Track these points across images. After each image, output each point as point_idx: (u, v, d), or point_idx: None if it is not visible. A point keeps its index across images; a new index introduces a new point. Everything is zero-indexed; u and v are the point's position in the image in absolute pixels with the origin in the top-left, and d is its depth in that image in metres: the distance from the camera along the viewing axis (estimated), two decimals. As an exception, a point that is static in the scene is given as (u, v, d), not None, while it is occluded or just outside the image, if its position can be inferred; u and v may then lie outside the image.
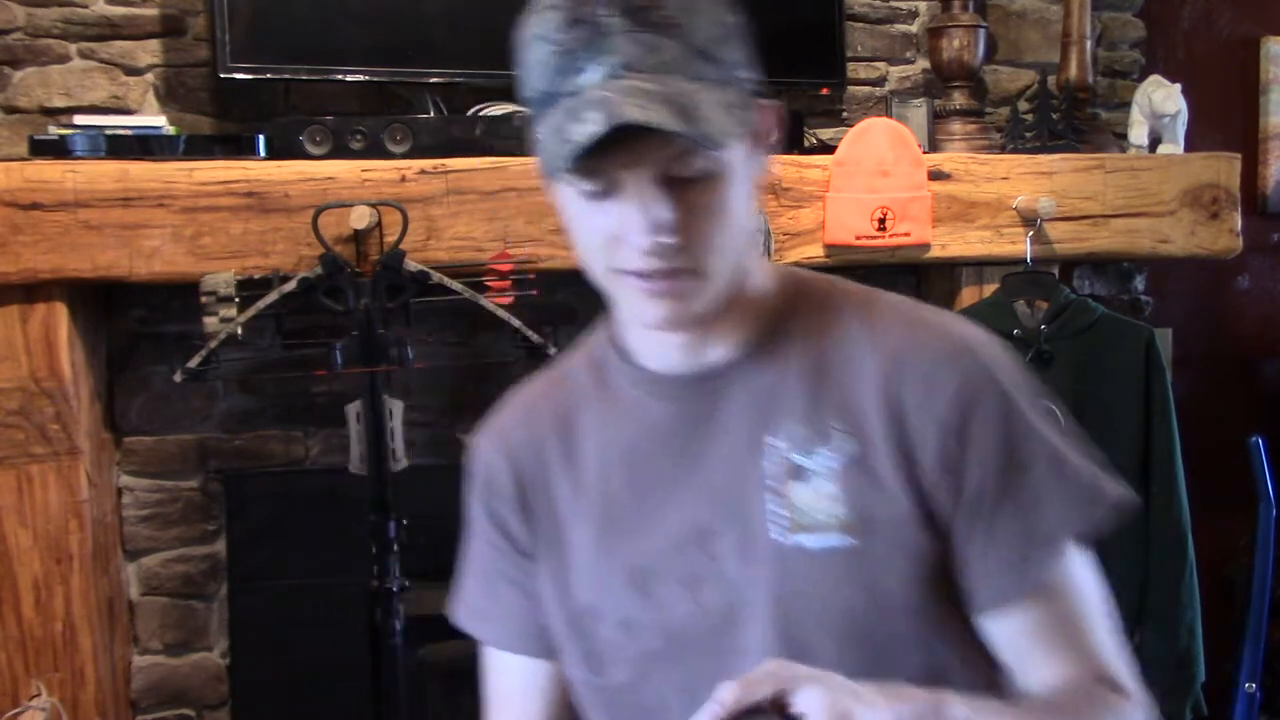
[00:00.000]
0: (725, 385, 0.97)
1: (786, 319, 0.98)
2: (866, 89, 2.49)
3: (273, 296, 1.89)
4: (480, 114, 2.15)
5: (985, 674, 0.93)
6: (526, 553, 1.06)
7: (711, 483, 0.96)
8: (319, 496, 2.23)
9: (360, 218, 1.94)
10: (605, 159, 0.84)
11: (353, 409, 1.97)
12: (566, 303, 2.32)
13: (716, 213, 0.88)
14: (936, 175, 2.16)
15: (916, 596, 0.90)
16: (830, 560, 0.90)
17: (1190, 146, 2.36)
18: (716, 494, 0.95)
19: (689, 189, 0.86)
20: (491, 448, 1.09)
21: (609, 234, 0.89)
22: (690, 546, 0.95)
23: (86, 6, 2.19)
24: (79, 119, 2.05)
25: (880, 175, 2.11)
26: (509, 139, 2.09)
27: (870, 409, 0.92)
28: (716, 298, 0.91)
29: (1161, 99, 2.32)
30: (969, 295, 2.26)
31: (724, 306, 0.94)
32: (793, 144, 2.19)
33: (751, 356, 0.97)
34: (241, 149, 2.01)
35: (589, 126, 0.82)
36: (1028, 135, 2.34)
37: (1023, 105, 2.49)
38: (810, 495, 0.92)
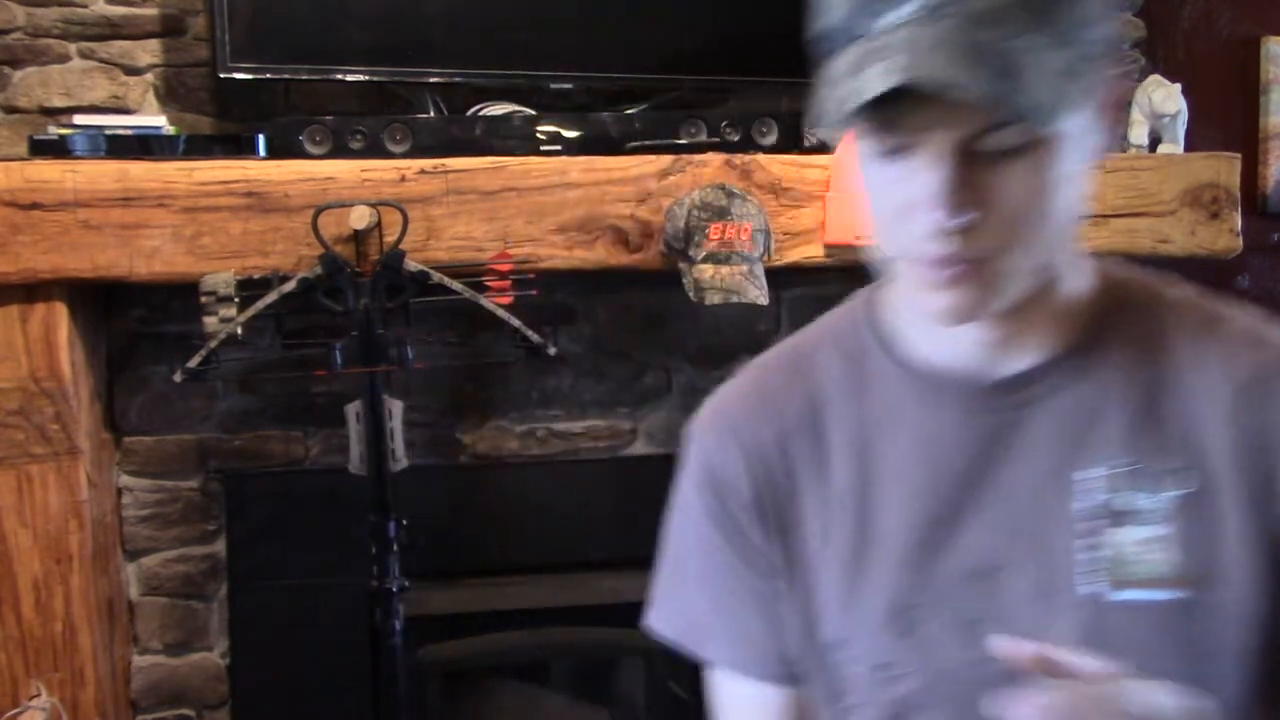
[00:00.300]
0: (1027, 400, 0.82)
1: (1105, 326, 0.83)
2: (866, 89, 2.49)
3: (273, 296, 1.89)
4: (480, 114, 2.15)
5: None
6: (767, 569, 0.89)
7: (1003, 515, 0.81)
8: (319, 496, 2.23)
9: (360, 218, 1.94)
10: (899, 117, 0.72)
11: (353, 409, 1.97)
12: (566, 303, 2.32)
13: (1029, 196, 0.73)
14: (936, 175, 2.15)
15: (1252, 668, 0.77)
16: (1152, 618, 0.77)
17: (1190, 146, 2.36)
18: (1009, 528, 0.81)
19: (999, 164, 0.73)
20: (722, 440, 0.92)
21: (899, 204, 0.76)
22: (970, 584, 0.81)
23: (86, 6, 2.19)
24: (79, 119, 2.05)
25: (880, 175, 2.11)
26: (509, 139, 2.10)
27: (1216, 439, 0.78)
28: (1016, 295, 0.77)
29: (1161, 99, 2.32)
30: (969, 295, 2.26)
31: (1030, 304, 0.79)
32: (792, 144, 2.19)
33: (1061, 368, 0.82)
34: (241, 149, 2.01)
35: (878, 80, 0.69)
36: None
37: (1023, 105, 2.48)
38: (1133, 541, 0.77)
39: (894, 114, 0.71)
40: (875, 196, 0.78)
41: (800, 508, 0.88)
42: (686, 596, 0.96)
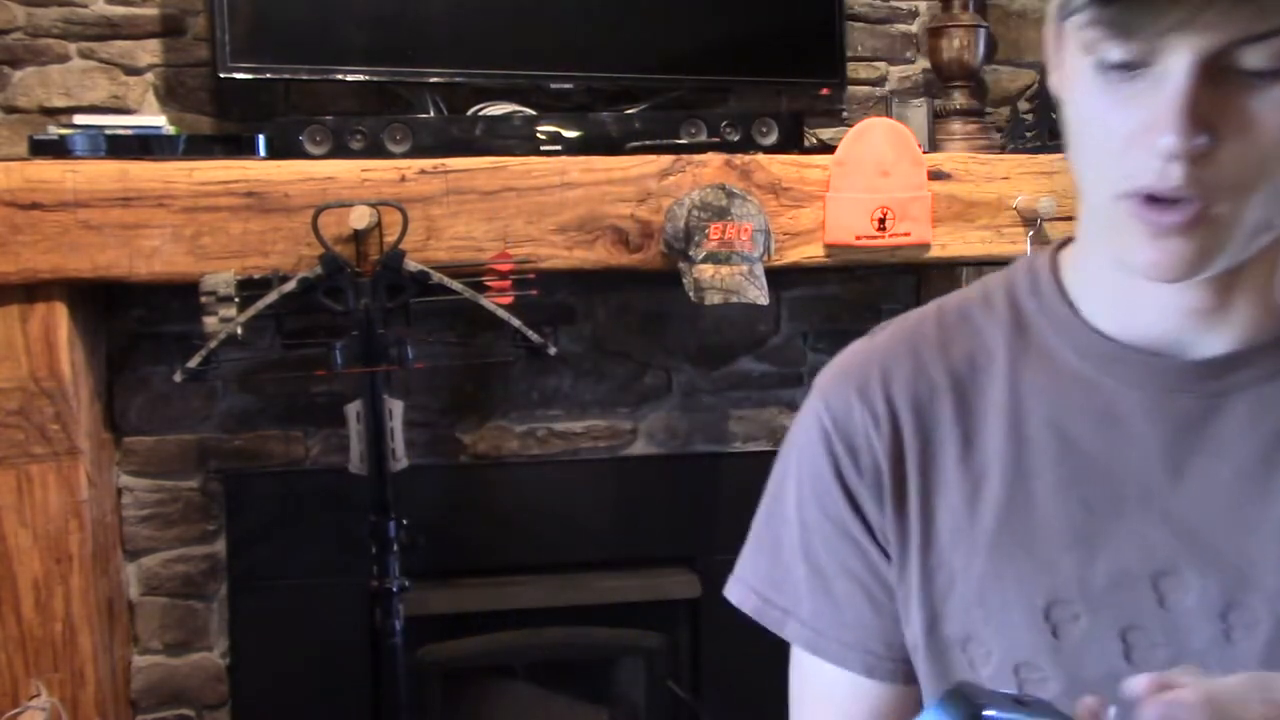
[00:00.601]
0: (1229, 387, 0.71)
1: None
2: (866, 89, 2.49)
3: (273, 296, 1.89)
4: (480, 114, 2.15)
5: None
6: (885, 549, 0.79)
7: (1184, 514, 0.71)
8: (319, 496, 2.23)
9: (360, 218, 1.94)
10: (1138, 18, 0.62)
11: (353, 409, 1.97)
12: (566, 303, 2.32)
13: None
14: (936, 175, 2.16)
15: None
16: None
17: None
18: (1188, 530, 0.71)
19: (1251, 87, 0.62)
20: (847, 397, 0.80)
21: (1121, 131, 0.65)
22: (1136, 586, 0.71)
23: (86, 6, 2.19)
24: (79, 119, 2.05)
25: (880, 175, 2.11)
26: (509, 139, 2.10)
27: None
28: (1240, 257, 0.67)
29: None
30: (969, 295, 2.26)
31: (1247, 273, 0.70)
32: (793, 144, 2.19)
33: (1272, 353, 0.72)
34: (241, 149, 2.01)
35: None
36: (1028, 135, 2.34)
37: (1023, 105, 2.49)
38: None
39: (1132, 14, 0.61)
40: (1090, 123, 0.68)
41: (935, 477, 0.76)
42: (777, 569, 0.83)
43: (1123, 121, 0.65)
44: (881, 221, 2.11)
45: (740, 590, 0.86)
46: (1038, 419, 0.75)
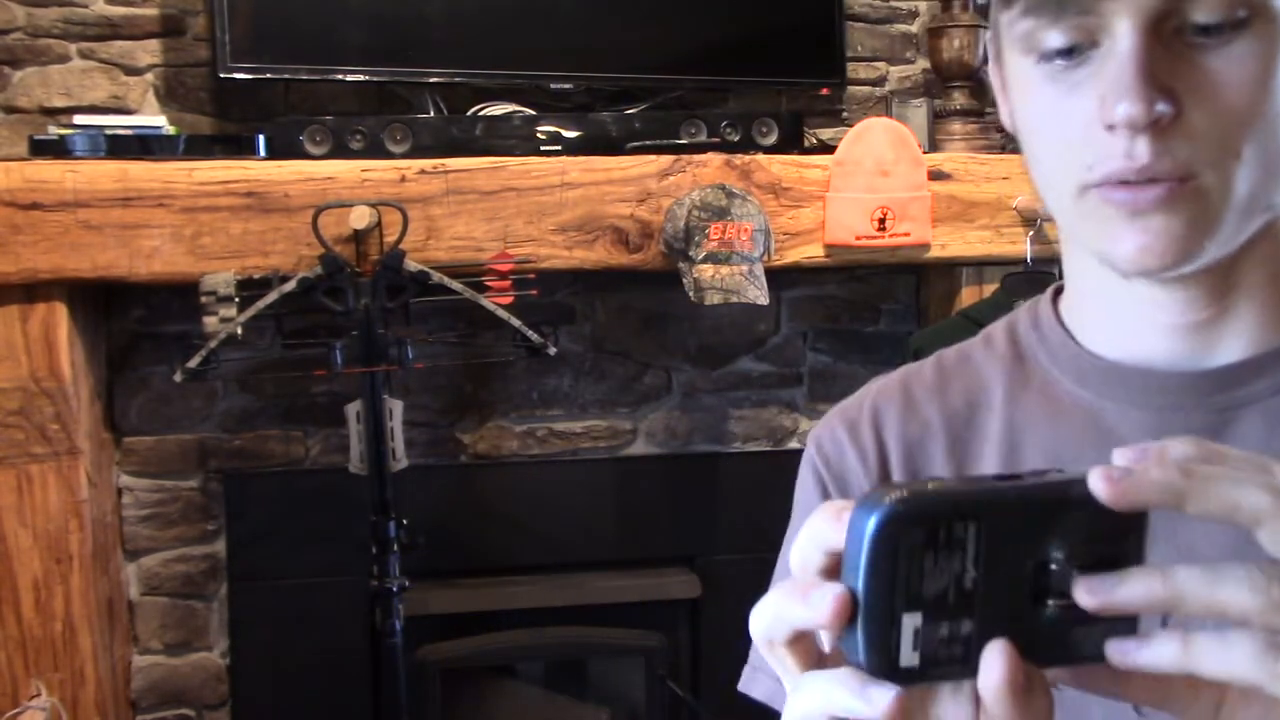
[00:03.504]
0: (1241, 400, 0.65)
1: None
2: (866, 89, 2.49)
3: (273, 296, 1.89)
4: (480, 114, 2.15)
5: None
6: None
7: (1200, 543, 0.62)
8: (319, 496, 2.24)
9: (360, 218, 1.94)
10: None
11: (353, 409, 1.97)
12: (566, 303, 2.33)
13: (1246, 88, 0.58)
14: (936, 175, 2.16)
15: None
16: None
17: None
18: (1198, 561, 0.58)
19: (1206, 45, 0.59)
20: (842, 435, 0.77)
21: (1082, 123, 0.61)
22: (1145, 625, 0.60)
23: (86, 6, 2.19)
24: (79, 119, 2.05)
25: (880, 175, 2.11)
26: (509, 139, 2.10)
27: None
28: (1233, 230, 0.61)
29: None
30: (969, 295, 2.26)
31: (1246, 269, 0.64)
32: (792, 144, 2.19)
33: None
34: (241, 149, 2.01)
35: None
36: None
37: (1023, 105, 2.49)
38: None
39: None
40: (1043, 121, 0.64)
41: None
42: None
43: (1076, 109, 0.61)
44: (881, 221, 2.11)
45: (749, 679, 0.80)
46: (1034, 450, 0.71)
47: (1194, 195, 0.59)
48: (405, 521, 1.97)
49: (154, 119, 2.12)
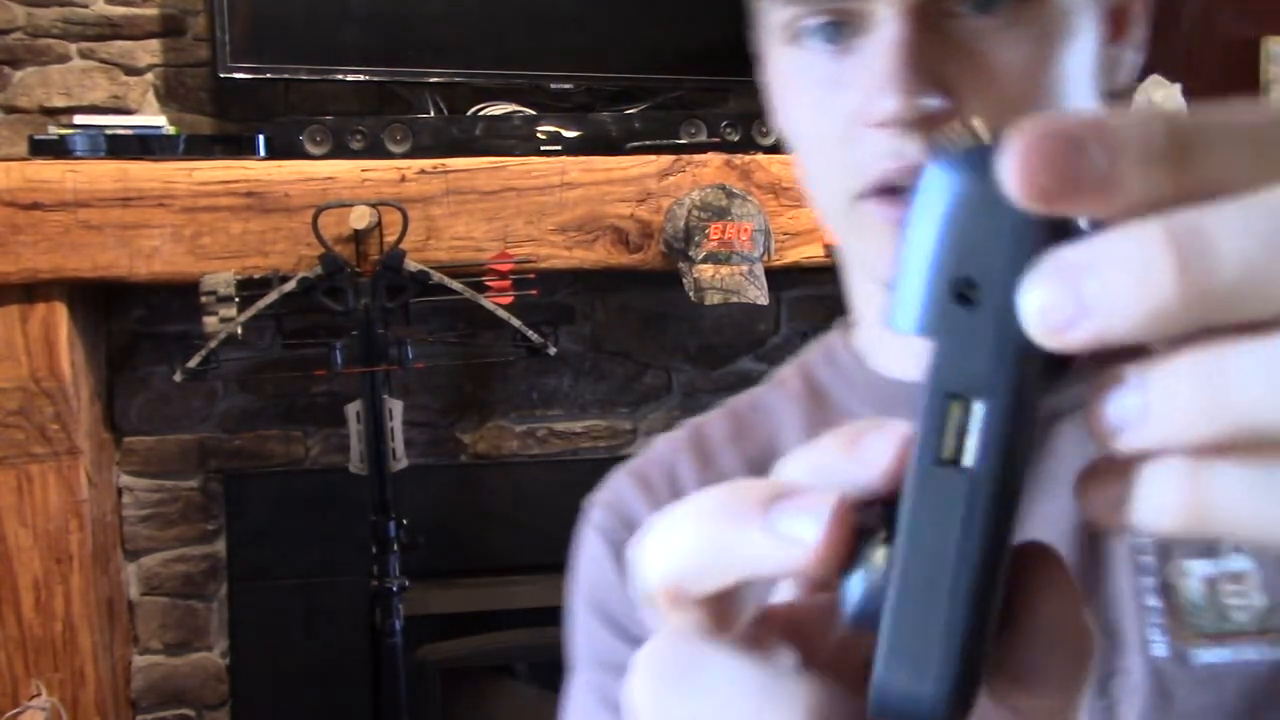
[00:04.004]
0: (1058, 412, 0.61)
1: None
2: (866, 89, 2.49)
3: (273, 296, 1.89)
4: (480, 114, 2.15)
5: None
6: None
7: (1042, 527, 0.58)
8: (319, 496, 2.23)
9: (360, 218, 1.94)
10: None
11: (353, 409, 1.97)
12: (566, 303, 2.32)
13: (1024, 74, 0.54)
14: (936, 175, 2.16)
15: None
16: (1236, 686, 0.54)
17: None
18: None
19: (978, 31, 0.54)
20: (634, 499, 0.71)
21: (847, 119, 0.55)
22: None
23: (86, 6, 2.19)
24: (79, 119, 2.05)
25: (880, 175, 2.11)
26: (509, 139, 2.10)
27: None
28: None
29: (1161, 99, 2.33)
30: (969, 295, 2.26)
31: None
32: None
33: (1099, 358, 0.53)
34: (241, 149, 2.01)
35: None
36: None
37: (1023, 105, 2.49)
38: (1209, 582, 0.56)
39: None
40: (808, 117, 0.58)
41: None
42: None
43: (842, 105, 0.55)
44: (881, 221, 2.11)
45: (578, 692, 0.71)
46: None
47: None
48: (405, 521, 1.97)
49: (154, 119, 2.12)
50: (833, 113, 0.56)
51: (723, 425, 0.72)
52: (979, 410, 0.27)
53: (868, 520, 0.28)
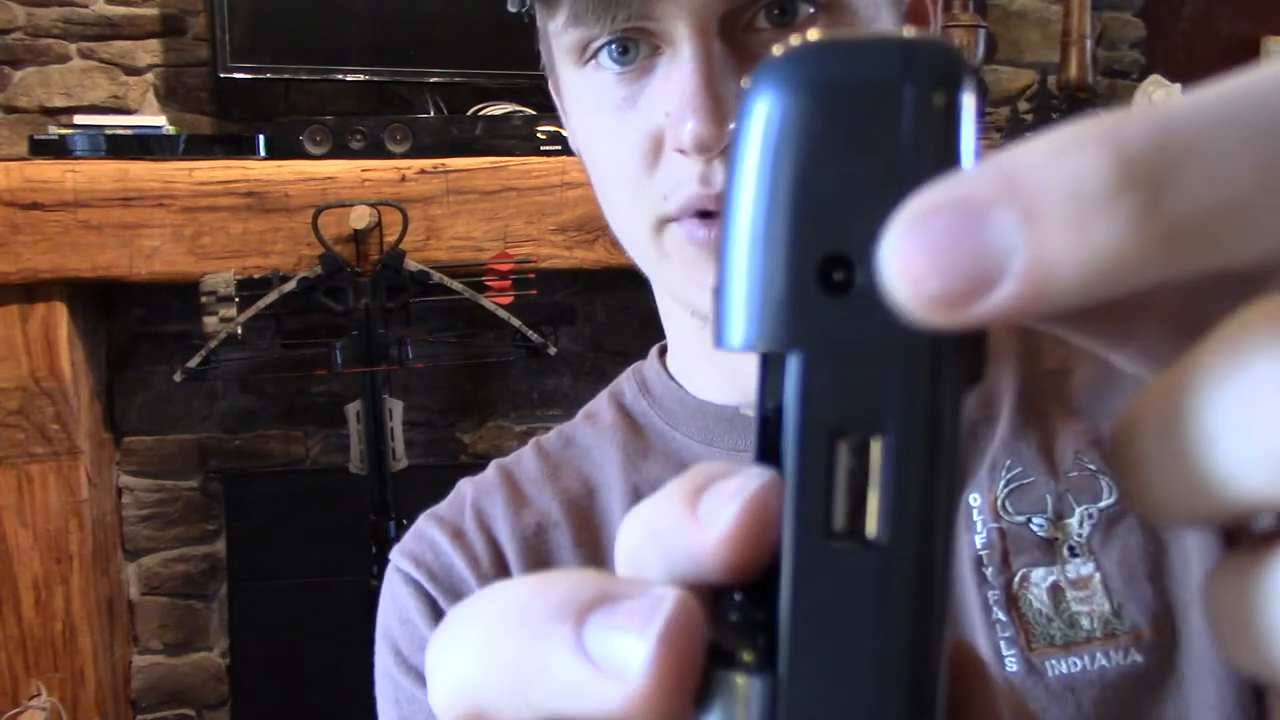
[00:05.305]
0: None
1: None
2: (866, 89, 2.49)
3: (273, 296, 1.89)
4: (480, 114, 2.15)
5: None
6: None
7: None
8: (319, 496, 2.24)
9: (360, 217, 1.94)
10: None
11: (353, 409, 1.97)
12: (566, 303, 2.32)
13: None
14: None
15: None
16: (1093, 691, 0.52)
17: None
18: None
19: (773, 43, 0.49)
20: (442, 543, 0.66)
21: (649, 142, 0.54)
22: None
23: (86, 6, 2.19)
24: (79, 119, 2.05)
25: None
26: (509, 139, 2.10)
27: None
28: None
29: (1161, 99, 2.33)
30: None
31: None
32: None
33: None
34: (241, 149, 2.01)
35: None
36: (1028, 135, 2.34)
37: (1023, 105, 2.49)
38: (1053, 589, 0.53)
39: None
40: (606, 143, 0.56)
41: None
42: None
43: (642, 128, 0.53)
44: (881, 221, 2.11)
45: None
46: None
47: None
48: (405, 521, 1.96)
49: (154, 119, 2.12)
50: (632, 135, 0.54)
51: (534, 464, 0.68)
52: (881, 451, 0.18)
53: (725, 624, 0.19)
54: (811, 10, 0.52)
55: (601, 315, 2.35)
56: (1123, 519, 0.54)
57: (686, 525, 0.19)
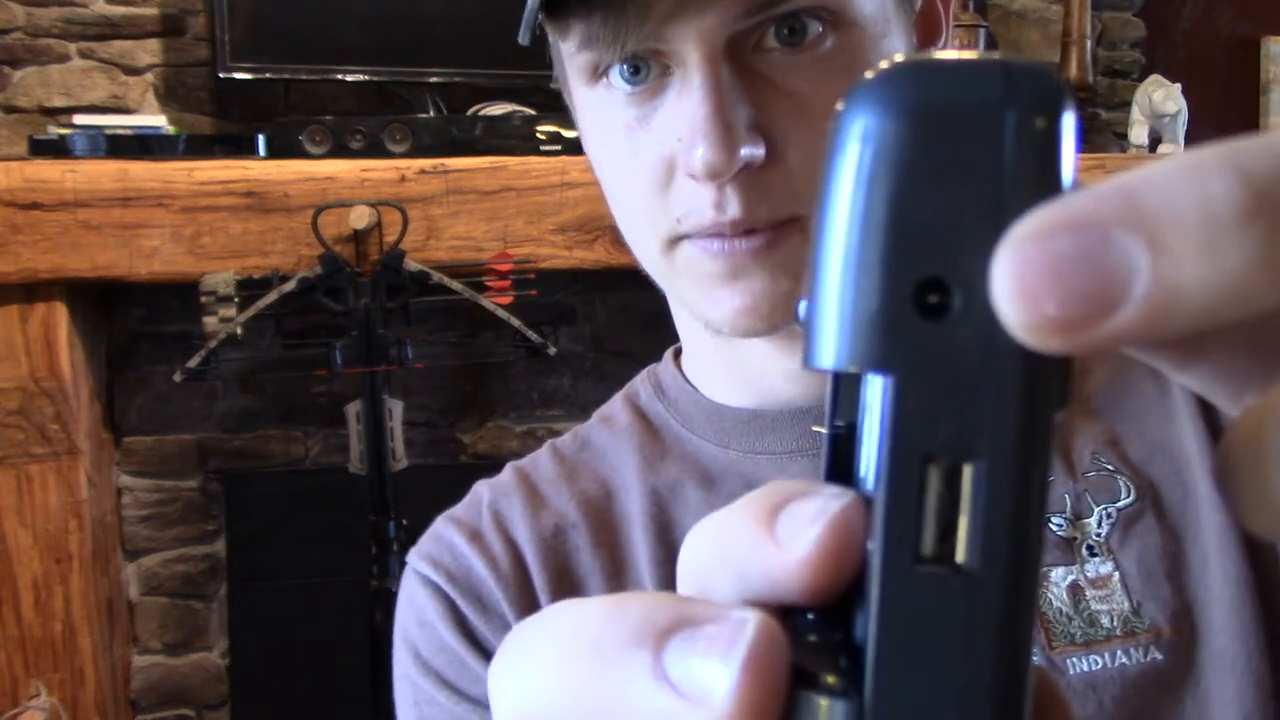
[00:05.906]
0: None
1: None
2: (866, 89, 2.49)
3: (272, 296, 1.89)
4: (480, 114, 2.15)
5: None
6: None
7: None
8: (319, 496, 2.23)
9: (360, 218, 1.94)
10: (636, 16, 0.52)
11: (353, 409, 1.97)
12: (566, 303, 2.32)
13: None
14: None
15: None
16: (1115, 689, 0.53)
17: (1190, 146, 2.36)
18: None
19: (797, 66, 0.52)
20: (461, 545, 0.66)
21: (663, 165, 0.54)
22: None
23: (86, 6, 2.19)
24: (79, 119, 2.05)
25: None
26: (509, 139, 2.10)
27: (1181, 431, 0.56)
28: None
29: (1161, 99, 2.33)
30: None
31: None
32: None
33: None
34: (241, 149, 2.01)
35: None
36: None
37: (1023, 105, 2.49)
38: (1073, 588, 0.54)
39: (617, 15, 0.51)
40: (620, 162, 0.57)
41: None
42: None
43: (654, 150, 0.54)
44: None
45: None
46: (687, 521, 0.63)
47: (799, 236, 0.53)
48: (405, 521, 1.97)
49: (154, 119, 2.12)
50: (645, 157, 0.55)
51: (551, 466, 0.68)
52: (973, 476, 0.18)
53: (803, 645, 0.19)
54: (820, 28, 0.52)
55: (601, 315, 2.35)
56: (1140, 519, 0.55)
57: (764, 545, 0.19)
